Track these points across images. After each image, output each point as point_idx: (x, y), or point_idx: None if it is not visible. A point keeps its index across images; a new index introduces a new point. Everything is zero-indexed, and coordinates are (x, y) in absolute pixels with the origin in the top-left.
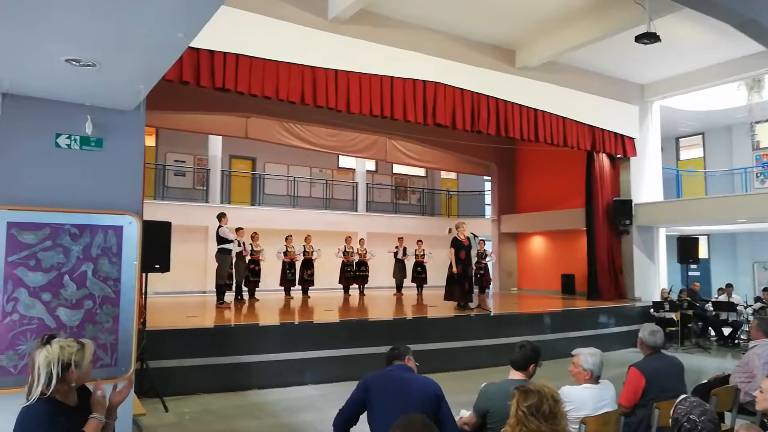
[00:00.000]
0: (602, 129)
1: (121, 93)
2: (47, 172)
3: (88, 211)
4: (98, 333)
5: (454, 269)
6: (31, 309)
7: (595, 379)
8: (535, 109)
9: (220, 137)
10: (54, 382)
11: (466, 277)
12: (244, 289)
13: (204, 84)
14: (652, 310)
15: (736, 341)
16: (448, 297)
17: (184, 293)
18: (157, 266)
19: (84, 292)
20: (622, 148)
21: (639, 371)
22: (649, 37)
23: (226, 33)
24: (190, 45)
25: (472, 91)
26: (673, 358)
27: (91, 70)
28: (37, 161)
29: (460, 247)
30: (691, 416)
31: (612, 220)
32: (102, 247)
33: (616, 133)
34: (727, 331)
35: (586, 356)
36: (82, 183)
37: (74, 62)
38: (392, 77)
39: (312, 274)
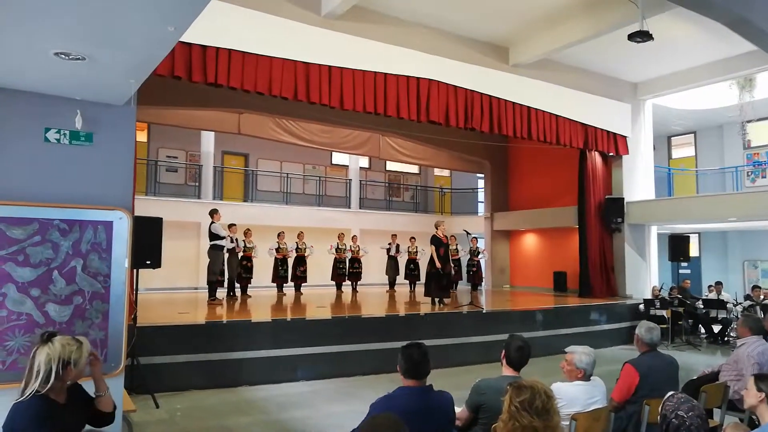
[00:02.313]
0: (595, 127)
1: (112, 87)
2: (36, 167)
3: (78, 207)
4: (88, 329)
5: (437, 265)
6: (19, 305)
7: (586, 377)
8: (529, 107)
9: (213, 133)
10: (52, 379)
11: (444, 274)
12: (237, 285)
13: (196, 79)
14: (641, 306)
15: (726, 339)
16: (428, 293)
17: (176, 289)
18: (148, 262)
19: (73, 287)
20: (614, 146)
21: (634, 368)
22: (642, 36)
23: (218, 28)
24: (182, 40)
25: (465, 89)
26: (668, 356)
27: (80, 63)
28: (26, 156)
29: (440, 244)
30: (678, 412)
31: (604, 217)
32: (92, 243)
33: (608, 132)
34: (716, 328)
35: (581, 355)
36: (71, 178)
37: (63, 56)
38: (386, 74)
39: (304, 271)
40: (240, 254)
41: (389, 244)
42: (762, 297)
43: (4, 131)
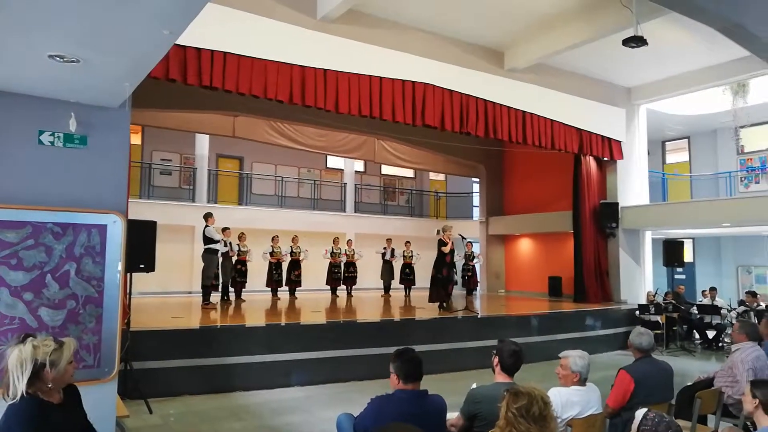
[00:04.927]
0: (589, 132)
1: (106, 90)
2: (30, 170)
3: (71, 210)
4: (81, 333)
5: (444, 271)
6: (12, 309)
7: (582, 381)
8: (524, 111)
9: (207, 136)
10: (24, 381)
11: (450, 280)
12: (231, 289)
13: (191, 82)
14: (637, 312)
15: (720, 344)
16: (432, 299)
17: (170, 293)
18: (142, 266)
19: (67, 291)
20: (609, 151)
21: (629, 374)
22: (636, 41)
23: (213, 30)
24: (177, 42)
25: (460, 93)
26: (663, 363)
27: (75, 66)
28: (20, 158)
29: (447, 251)
30: None
31: (598, 222)
32: (85, 246)
33: (603, 136)
34: (711, 334)
35: (575, 358)
36: (65, 181)
37: (58, 58)
38: (381, 77)
39: (299, 275)
40: (234, 258)
41: (384, 248)
42: (755, 303)
43: None
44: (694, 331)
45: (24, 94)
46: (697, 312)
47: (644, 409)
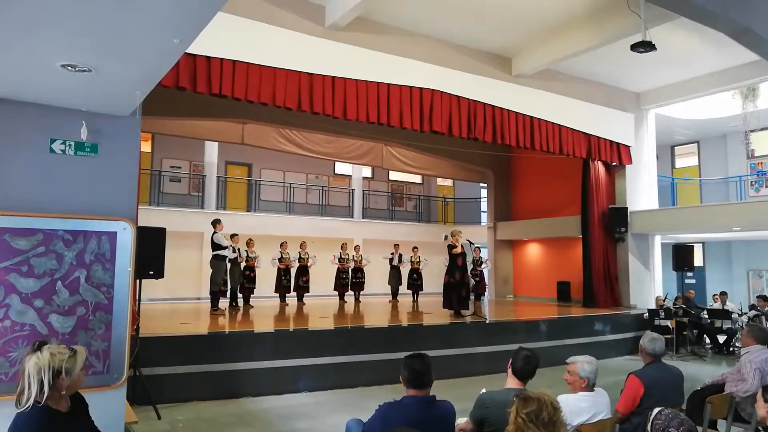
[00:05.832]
0: (598, 137)
1: (117, 98)
2: (41, 178)
3: (82, 217)
4: (91, 340)
5: (457, 275)
6: (23, 315)
7: (590, 387)
8: (531, 117)
9: (216, 143)
10: (46, 389)
11: (463, 284)
12: (239, 295)
13: (200, 90)
14: (646, 316)
15: (731, 349)
16: (447, 305)
17: (179, 300)
18: (151, 272)
19: (77, 298)
20: (617, 155)
21: (638, 379)
22: (644, 46)
23: (223, 39)
24: (187, 51)
25: (468, 99)
26: (674, 368)
27: (86, 75)
28: (32, 167)
29: (458, 254)
30: (670, 429)
31: (607, 227)
32: (95, 254)
33: (611, 141)
34: (721, 338)
35: (583, 364)
36: (76, 189)
37: (70, 67)
38: (389, 84)
39: (307, 281)
40: (242, 264)
41: (392, 253)
42: (766, 308)
43: (10, 142)
44: (705, 335)
45: (36, 103)
46: (707, 316)
47: (659, 408)
